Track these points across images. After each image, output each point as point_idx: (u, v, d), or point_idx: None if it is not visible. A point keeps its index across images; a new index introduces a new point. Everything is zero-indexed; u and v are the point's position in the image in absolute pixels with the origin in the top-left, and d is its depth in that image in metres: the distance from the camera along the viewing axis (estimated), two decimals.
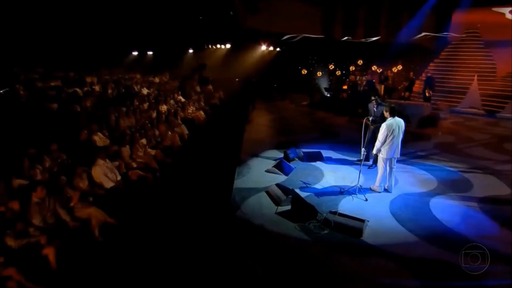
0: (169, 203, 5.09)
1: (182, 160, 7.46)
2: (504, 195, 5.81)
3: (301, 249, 4.03)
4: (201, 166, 6.70)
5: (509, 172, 6.91)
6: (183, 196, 5.29)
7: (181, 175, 6.47)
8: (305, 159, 7.26)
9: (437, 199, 5.49)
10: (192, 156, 7.63)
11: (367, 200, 5.33)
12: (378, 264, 3.80)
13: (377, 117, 6.72)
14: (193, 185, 5.76)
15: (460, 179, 6.43)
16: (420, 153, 7.97)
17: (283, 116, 12.55)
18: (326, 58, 17.24)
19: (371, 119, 6.20)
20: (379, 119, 6.70)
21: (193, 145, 8.73)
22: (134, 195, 5.60)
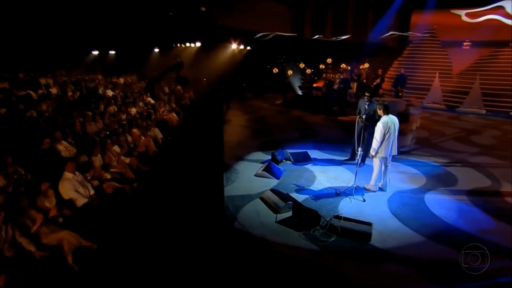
0: (154, 218, 4.53)
1: (161, 167, 6.85)
2: (487, 186, 6.01)
3: (311, 260, 3.72)
4: (183, 173, 6.17)
5: (483, 164, 7.23)
6: (169, 209, 4.75)
7: (162, 184, 5.88)
8: (293, 161, 6.99)
9: (430, 195, 5.51)
10: (172, 162, 7.04)
11: (365, 201, 5.18)
12: (393, 270, 3.61)
13: (369, 114, 6.61)
14: (179, 195, 5.23)
15: (444, 174, 6.56)
16: (402, 149, 8.08)
17: (260, 115, 12.24)
18: (296, 56, 17.25)
19: (364, 117, 6.07)
20: (370, 117, 6.63)
21: (170, 150, 8.11)
22: (112, 211, 4.93)
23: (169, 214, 4.60)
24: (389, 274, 3.56)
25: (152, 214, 4.68)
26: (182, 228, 4.20)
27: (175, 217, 4.52)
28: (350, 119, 12.07)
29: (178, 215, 4.56)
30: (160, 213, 4.65)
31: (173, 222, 4.38)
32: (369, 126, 6.63)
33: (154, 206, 4.94)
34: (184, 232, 4.09)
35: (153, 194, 5.43)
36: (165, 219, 4.46)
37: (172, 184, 5.77)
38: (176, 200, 5.05)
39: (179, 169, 6.47)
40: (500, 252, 3.96)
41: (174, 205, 4.85)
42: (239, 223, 4.42)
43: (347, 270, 3.59)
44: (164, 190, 5.54)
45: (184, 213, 4.56)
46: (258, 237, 4.11)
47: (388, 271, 3.60)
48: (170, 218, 4.48)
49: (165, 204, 4.93)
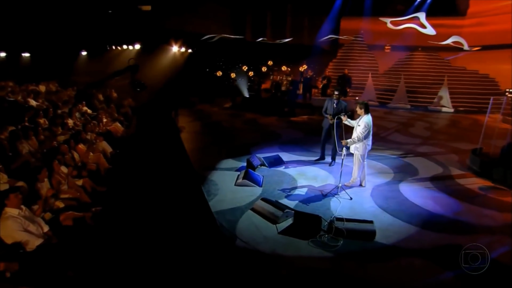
0: (134, 250, 3.79)
1: (122, 186, 5.91)
2: (441, 173, 6.74)
3: (330, 269, 3.55)
4: (154, 191, 5.42)
5: (429, 153, 8.14)
6: (151, 236, 4.04)
7: (131, 206, 5.04)
8: (268, 165, 6.79)
9: (404, 187, 5.90)
10: (133, 179, 6.15)
11: (352, 199, 5.26)
12: (405, 264, 3.69)
13: (336, 113, 6.77)
14: (157, 218, 4.53)
15: (405, 165, 7.15)
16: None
17: (214, 120, 11.75)
18: (239, 59, 17.14)
19: (336, 116, 6.18)
20: (338, 116, 6.79)
21: (126, 164, 7.10)
22: (77, 248, 4.00)
23: (152, 242, 3.91)
24: (403, 269, 3.61)
25: (130, 246, 3.92)
26: (174, 259, 3.58)
27: (161, 245, 3.85)
28: (301, 119, 12.49)
29: (164, 243, 3.90)
30: (141, 243, 3.92)
31: (160, 253, 3.72)
32: (336, 124, 6.84)
33: (129, 234, 4.16)
34: (178, 265, 3.48)
35: (124, 220, 4.60)
36: (149, 250, 3.76)
37: (144, 205, 5.00)
38: (156, 224, 4.34)
39: (145, 186, 5.67)
40: (476, 229, 4.42)
41: (155, 231, 4.15)
42: (241, 241, 4.01)
43: (369, 272, 3.53)
44: (136, 213, 4.75)
45: (171, 240, 3.92)
46: (268, 253, 3.78)
47: (401, 266, 3.66)
48: (156, 248, 3.81)
49: (144, 231, 4.19)
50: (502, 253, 3.91)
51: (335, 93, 6.86)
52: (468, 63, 16.90)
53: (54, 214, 4.55)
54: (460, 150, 8.28)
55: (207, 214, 4.61)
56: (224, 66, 17.82)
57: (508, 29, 15.65)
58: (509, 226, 4.61)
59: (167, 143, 8.39)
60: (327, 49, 19.37)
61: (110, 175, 6.49)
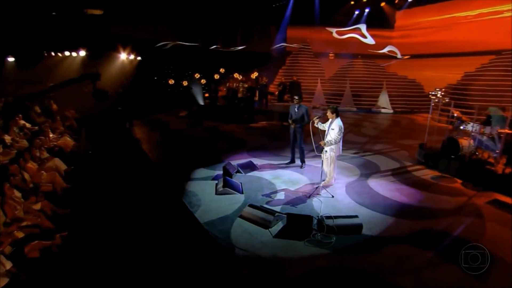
0: (118, 277, 3.47)
1: (89, 206, 5.36)
2: (399, 167, 7.49)
3: (334, 267, 3.71)
4: (130, 208, 5.04)
5: (383, 150, 8.97)
6: (139, 258, 3.74)
7: (105, 227, 4.61)
8: (243, 172, 6.80)
9: (372, 182, 6.43)
10: (103, 197, 5.62)
11: (333, 197, 5.56)
12: (397, 252, 4.02)
13: (297, 118, 7.09)
14: (142, 236, 4.23)
15: (366, 162, 7.77)
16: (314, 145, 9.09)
17: (173, 130, 11.31)
18: (191, 67, 16.88)
19: (293, 120, 6.50)
20: (299, 120, 7.13)
21: (87, 181, 6.45)
22: (49, 282, 3.53)
23: (140, 266, 3.62)
24: (396, 256, 3.93)
25: (113, 273, 3.58)
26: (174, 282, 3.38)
27: (152, 269, 3.60)
28: (261, 125, 12.73)
29: (155, 265, 3.64)
30: (127, 268, 3.60)
31: (154, 277, 3.48)
32: (299, 129, 7.19)
33: (109, 260, 3.78)
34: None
35: (98, 244, 4.18)
36: (139, 275, 3.48)
37: (121, 224, 4.62)
38: (140, 245, 4.04)
39: (118, 204, 5.23)
40: (438, 213, 5.04)
41: (141, 253, 3.85)
42: (240, 249, 3.95)
43: (366, 263, 3.75)
44: (113, 235, 4.36)
45: (163, 261, 3.68)
46: (270, 258, 3.80)
47: (393, 253, 3.98)
48: (147, 272, 3.55)
49: (127, 254, 3.86)
50: (461, 230, 4.51)
51: (295, 98, 7.19)
52: (398, 70, 19.09)
53: (14, 246, 3.96)
54: (407, 146, 9.30)
55: (197, 227, 4.44)
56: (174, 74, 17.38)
57: (429, 41, 18.21)
58: (461, 208, 5.35)
59: (131, 156, 7.85)
60: (276, 56, 20.14)
61: (70, 195, 5.84)
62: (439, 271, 3.65)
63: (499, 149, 6.50)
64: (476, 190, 6.06)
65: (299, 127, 7.19)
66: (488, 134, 6.79)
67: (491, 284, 3.45)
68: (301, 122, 7.15)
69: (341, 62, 20.06)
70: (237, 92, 13.50)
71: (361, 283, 3.44)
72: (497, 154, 6.57)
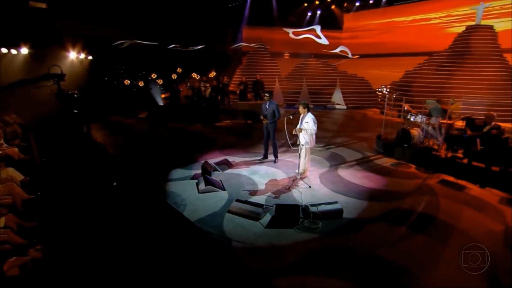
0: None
1: (63, 216, 5.04)
2: (361, 157, 8.23)
3: (327, 248, 4.06)
4: (112, 213, 4.87)
5: (344, 143, 9.73)
6: (135, 263, 3.67)
7: (88, 235, 4.41)
8: (220, 170, 6.91)
9: (341, 171, 7.01)
10: (75, 205, 5.30)
11: (311, 187, 5.97)
12: (373, 229, 4.52)
13: (268, 114, 7.43)
14: (133, 242, 4.14)
15: (333, 154, 8.40)
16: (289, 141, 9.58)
17: (137, 132, 10.88)
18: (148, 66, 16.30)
19: (264, 116, 6.87)
20: (270, 116, 7.48)
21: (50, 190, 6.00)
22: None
23: (139, 271, 3.55)
24: (376, 233, 4.43)
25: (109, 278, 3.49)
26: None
27: (153, 271, 3.58)
28: (226, 124, 12.84)
29: (155, 268, 3.62)
30: (123, 273, 3.51)
31: (154, 279, 3.47)
32: (271, 125, 7.54)
33: (99, 269, 3.64)
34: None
35: (84, 253, 3.98)
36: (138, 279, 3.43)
37: (106, 231, 4.45)
38: (134, 250, 3.95)
39: (95, 211, 5.00)
40: (402, 195, 5.75)
41: (138, 257, 3.77)
42: (236, 241, 4.12)
43: (352, 243, 4.17)
44: (101, 242, 4.20)
45: (162, 262, 3.66)
46: (266, 247, 4.03)
47: (376, 231, 4.47)
48: (146, 276, 3.52)
49: (120, 260, 3.75)
50: (422, 206, 5.24)
51: (265, 95, 7.54)
52: (348, 68, 20.58)
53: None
54: (365, 138, 10.21)
55: (189, 225, 4.48)
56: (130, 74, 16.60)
57: (374, 42, 19.95)
58: (419, 188, 6.14)
59: (97, 161, 7.42)
60: (233, 56, 20.33)
61: (34, 206, 5.41)
62: (411, 241, 4.22)
63: (441, 137, 7.55)
64: (427, 173, 6.98)
65: (271, 123, 7.52)
66: (433, 124, 7.82)
67: (449, 243, 4.10)
68: (272, 118, 7.48)
69: (296, 62, 21.00)
70: (201, 92, 13.41)
71: (350, 259, 3.84)
72: (440, 142, 7.61)
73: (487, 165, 6.42)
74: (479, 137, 6.69)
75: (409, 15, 18.02)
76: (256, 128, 11.72)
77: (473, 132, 6.99)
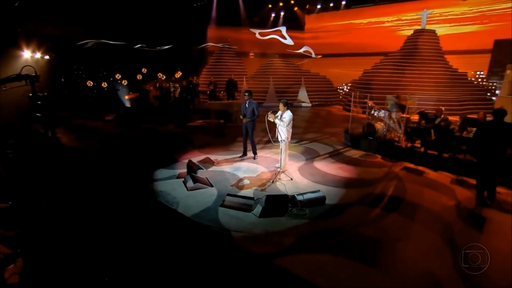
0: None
1: (43, 225, 4.94)
2: (333, 150, 8.90)
3: (312, 231, 4.53)
4: (100, 215, 4.89)
5: (316, 138, 10.41)
6: (138, 262, 3.79)
7: (77, 239, 4.41)
8: (203, 168, 7.12)
9: (317, 164, 7.59)
10: (59, 212, 5.20)
11: (292, 179, 6.45)
12: (353, 212, 5.10)
13: (248, 113, 7.79)
14: (132, 243, 4.25)
15: (307, 149, 8.98)
16: (271, 138, 10.02)
17: (109, 135, 10.58)
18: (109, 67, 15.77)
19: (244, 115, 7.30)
20: (250, 115, 7.84)
21: (26, 198, 5.78)
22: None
23: (143, 269, 3.69)
24: (357, 215, 5.00)
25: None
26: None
27: (157, 268, 3.74)
28: (199, 124, 12.93)
29: (158, 265, 3.79)
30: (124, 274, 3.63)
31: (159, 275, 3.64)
32: (250, 123, 7.92)
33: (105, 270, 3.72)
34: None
35: (86, 257, 4.01)
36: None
37: (99, 234, 4.49)
38: (135, 250, 4.06)
39: (87, 213, 4.99)
40: (374, 181, 6.46)
41: (140, 257, 3.90)
42: (235, 231, 4.43)
43: (336, 224, 4.69)
44: (97, 247, 4.23)
45: (165, 259, 3.82)
46: (263, 234, 4.39)
47: (354, 214, 5.03)
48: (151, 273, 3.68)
49: (122, 260, 3.84)
50: (392, 190, 5.97)
51: (245, 94, 7.89)
52: (310, 68, 21.61)
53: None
54: (333, 133, 11.00)
55: (187, 221, 4.68)
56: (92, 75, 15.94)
57: (334, 42, 21.15)
58: (386, 175, 6.91)
59: (71, 165, 7.19)
60: (199, 56, 20.31)
61: (11, 215, 5.21)
62: (387, 220, 4.86)
63: (401, 130, 8.49)
64: (392, 162, 7.84)
65: (250, 122, 7.87)
66: (393, 118, 8.75)
67: (416, 218, 4.81)
68: (251, 117, 7.84)
69: (261, 61, 21.56)
70: (171, 92, 13.33)
71: (337, 237, 4.35)
72: (400, 134, 8.55)
73: (439, 153, 7.41)
74: (432, 128, 7.67)
75: (365, 18, 19.47)
76: (230, 127, 12.00)
77: (427, 124, 7.98)
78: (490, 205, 5.40)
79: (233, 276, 3.34)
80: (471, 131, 7.30)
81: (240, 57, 21.57)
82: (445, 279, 3.52)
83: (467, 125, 7.64)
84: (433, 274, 3.60)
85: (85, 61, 15.49)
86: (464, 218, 4.96)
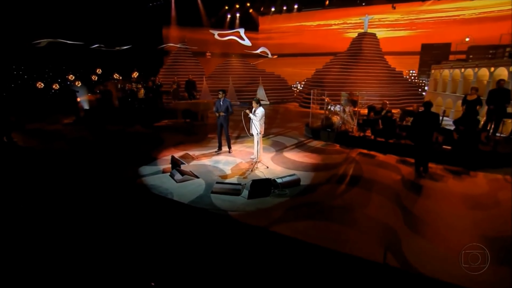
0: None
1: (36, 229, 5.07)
2: (297, 142, 9.98)
3: (294, 205, 5.42)
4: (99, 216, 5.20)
5: (280, 132, 11.43)
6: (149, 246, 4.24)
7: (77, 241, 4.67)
8: (185, 162, 7.62)
9: (286, 154, 8.55)
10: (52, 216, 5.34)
11: (268, 167, 7.30)
12: (324, 189, 6.11)
13: (222, 110, 8.45)
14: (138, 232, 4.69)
15: (275, 142, 9.91)
16: (247, 131, 10.74)
17: (75, 138, 10.32)
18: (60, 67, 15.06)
19: (219, 112, 8.06)
20: (224, 111, 8.51)
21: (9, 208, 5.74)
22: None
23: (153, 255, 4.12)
24: (329, 190, 6.01)
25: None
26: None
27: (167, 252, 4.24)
28: (166, 123, 13.13)
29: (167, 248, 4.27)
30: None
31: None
32: (224, 119, 8.60)
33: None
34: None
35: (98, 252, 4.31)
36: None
37: (104, 224, 4.84)
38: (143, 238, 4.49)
39: (82, 210, 5.24)
40: (336, 165, 7.62)
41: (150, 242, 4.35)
42: (231, 211, 5.12)
43: (313, 199, 5.64)
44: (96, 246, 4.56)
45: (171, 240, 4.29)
46: (255, 210, 5.16)
47: (324, 191, 6.04)
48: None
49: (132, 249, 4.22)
50: (352, 171, 7.16)
51: (220, 92, 8.54)
52: (265, 67, 22.76)
53: None
54: (294, 127, 12.13)
55: (186, 207, 5.23)
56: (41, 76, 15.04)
57: (287, 43, 22.53)
58: (346, 159, 8.12)
59: (51, 168, 7.14)
60: (155, 56, 20.16)
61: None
62: (351, 193, 5.96)
63: (354, 121, 9.86)
64: (348, 149, 9.14)
65: (224, 117, 8.52)
66: (347, 112, 10.10)
67: (373, 190, 5.98)
68: (226, 113, 8.51)
69: (218, 61, 22.10)
70: (136, 93, 13.29)
71: (316, 208, 5.30)
72: (353, 125, 9.93)
73: (386, 139, 8.88)
74: (380, 119, 9.13)
75: (315, 21, 21.17)
76: (197, 126, 12.45)
77: (375, 116, 9.44)
78: (425, 176, 6.86)
79: (240, 244, 4.06)
80: (409, 120, 8.89)
81: (197, 57, 21.83)
82: (399, 228, 4.67)
83: (406, 116, 9.25)
84: (391, 226, 4.73)
85: (37, 61, 14.55)
86: (408, 187, 6.30)
